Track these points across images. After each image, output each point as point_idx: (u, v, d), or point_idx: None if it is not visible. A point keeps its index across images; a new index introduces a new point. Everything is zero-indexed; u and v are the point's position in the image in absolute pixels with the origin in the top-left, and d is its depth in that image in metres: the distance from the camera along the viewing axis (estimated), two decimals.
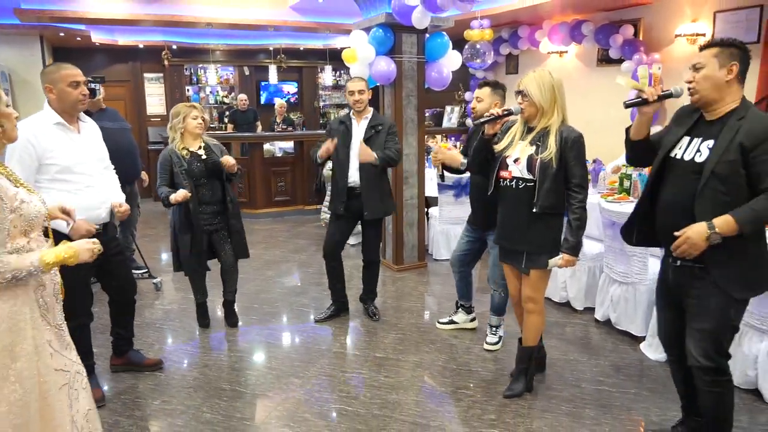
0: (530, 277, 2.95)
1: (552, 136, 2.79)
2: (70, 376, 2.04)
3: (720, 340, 2.30)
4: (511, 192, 2.90)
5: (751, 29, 5.66)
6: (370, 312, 4.29)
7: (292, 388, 3.29)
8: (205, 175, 3.75)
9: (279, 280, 5.33)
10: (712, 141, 2.26)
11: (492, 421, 2.91)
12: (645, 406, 3.02)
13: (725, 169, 2.18)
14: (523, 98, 2.86)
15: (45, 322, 1.95)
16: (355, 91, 3.95)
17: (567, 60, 8.05)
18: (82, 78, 2.86)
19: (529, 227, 2.85)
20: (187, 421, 2.95)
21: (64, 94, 2.79)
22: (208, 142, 3.86)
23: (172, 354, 3.76)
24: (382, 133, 3.96)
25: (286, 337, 4.08)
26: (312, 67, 11.77)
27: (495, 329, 3.79)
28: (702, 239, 2.15)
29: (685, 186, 2.29)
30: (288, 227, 7.61)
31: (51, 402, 1.93)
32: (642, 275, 3.74)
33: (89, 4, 7.17)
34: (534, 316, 3.03)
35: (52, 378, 1.94)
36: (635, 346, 3.73)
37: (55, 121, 2.80)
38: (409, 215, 5.48)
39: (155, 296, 4.90)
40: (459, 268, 3.90)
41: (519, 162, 2.85)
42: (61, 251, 1.87)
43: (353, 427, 2.88)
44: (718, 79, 2.24)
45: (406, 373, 3.45)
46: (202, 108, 3.87)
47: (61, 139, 2.81)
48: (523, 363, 3.16)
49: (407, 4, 4.54)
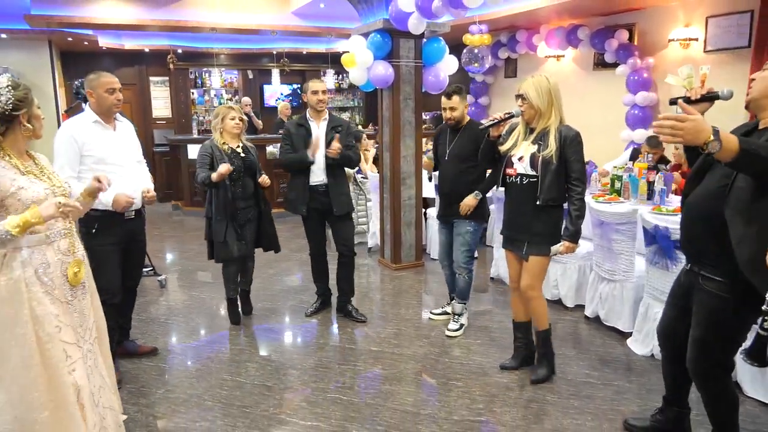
0: (529, 264, 3.18)
1: (552, 135, 3.03)
2: (83, 351, 2.27)
3: (710, 349, 2.29)
4: (516, 187, 3.17)
5: (742, 34, 5.80)
6: (354, 315, 4.32)
7: (290, 379, 3.43)
8: (242, 170, 3.96)
9: (279, 277, 5.48)
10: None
11: (480, 410, 3.04)
12: (628, 397, 3.15)
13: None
14: (522, 101, 3.10)
15: (50, 297, 2.17)
16: (319, 90, 4.10)
17: (564, 64, 8.20)
18: (118, 85, 3.26)
19: (532, 218, 3.12)
20: (190, 408, 3.09)
21: (102, 99, 3.19)
22: (245, 144, 4.10)
23: (175, 347, 3.91)
24: (342, 134, 4.11)
25: (285, 332, 4.22)
26: (315, 71, 11.94)
27: (458, 317, 4.05)
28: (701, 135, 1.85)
29: (715, 191, 2.18)
30: (289, 228, 7.75)
31: (57, 369, 2.15)
32: (629, 273, 3.87)
33: (97, 10, 7.37)
34: (536, 301, 3.26)
35: (56, 347, 2.15)
36: (622, 341, 3.85)
37: (94, 119, 3.19)
38: (407, 215, 5.62)
39: (159, 293, 5.06)
40: (446, 262, 4.14)
41: (523, 160, 3.11)
42: (24, 214, 2.03)
43: (347, 414, 3.02)
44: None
45: (400, 365, 3.59)
46: (240, 109, 4.11)
47: (98, 134, 3.18)
48: (542, 347, 3.36)
49: (404, 11, 4.69)
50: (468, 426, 2.89)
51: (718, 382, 2.34)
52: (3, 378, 2.10)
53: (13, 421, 2.09)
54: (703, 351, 2.31)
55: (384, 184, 5.68)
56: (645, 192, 4.49)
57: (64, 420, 2.17)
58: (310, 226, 4.29)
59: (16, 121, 2.14)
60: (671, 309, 2.61)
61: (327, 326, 4.28)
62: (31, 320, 2.11)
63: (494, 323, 4.24)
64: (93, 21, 7.41)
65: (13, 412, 2.09)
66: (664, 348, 2.68)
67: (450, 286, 4.23)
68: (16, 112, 2.12)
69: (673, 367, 2.63)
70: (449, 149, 3.92)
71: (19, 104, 2.12)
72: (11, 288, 2.10)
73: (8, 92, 2.10)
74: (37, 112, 2.22)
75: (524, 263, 3.22)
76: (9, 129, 2.15)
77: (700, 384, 2.37)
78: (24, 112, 2.15)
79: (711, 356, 2.30)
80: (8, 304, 2.10)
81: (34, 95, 2.23)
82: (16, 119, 2.14)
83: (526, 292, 3.24)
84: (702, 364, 2.33)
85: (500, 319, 4.31)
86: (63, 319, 2.20)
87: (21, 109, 2.14)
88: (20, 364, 2.09)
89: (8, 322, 2.09)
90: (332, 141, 4.01)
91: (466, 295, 4.02)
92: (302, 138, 4.09)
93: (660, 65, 6.72)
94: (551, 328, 3.37)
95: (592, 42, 7.18)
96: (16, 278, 2.11)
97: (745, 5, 5.82)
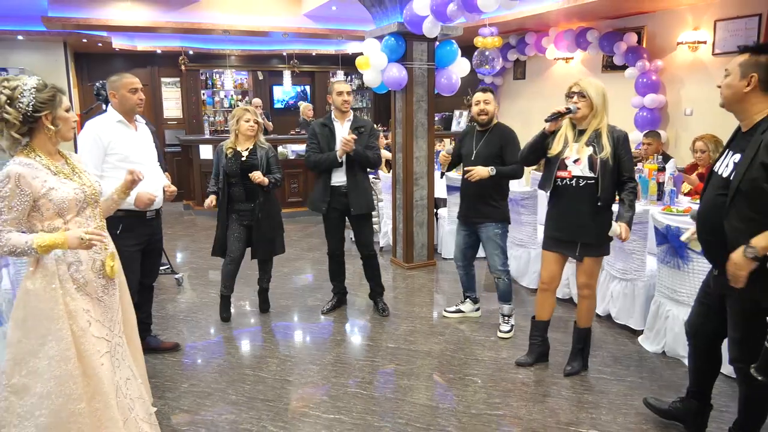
0: (585, 265, 3.25)
1: (605, 137, 3.10)
2: (111, 345, 2.36)
3: (747, 348, 2.33)
4: (571, 189, 3.17)
5: (750, 37, 5.87)
6: (380, 308, 4.50)
7: (310, 373, 3.53)
8: (237, 175, 4.05)
9: (294, 276, 5.58)
10: (739, 155, 2.24)
11: (497, 404, 3.13)
12: (641, 392, 3.22)
13: (749, 186, 2.15)
14: (580, 99, 3.12)
15: (82, 294, 2.25)
16: (344, 91, 4.21)
17: (572, 66, 8.27)
18: (140, 85, 3.38)
19: (589, 220, 3.16)
20: (215, 401, 3.19)
21: (125, 99, 3.30)
22: (258, 145, 4.16)
23: (196, 343, 4.01)
24: (364, 135, 4.21)
25: (302, 329, 4.32)
26: (324, 72, 12.06)
27: (507, 318, 4.06)
28: (741, 260, 2.13)
29: (713, 201, 2.32)
30: (300, 227, 7.87)
31: (91, 361, 2.24)
32: (640, 272, 3.95)
33: (113, 12, 7.49)
34: (589, 301, 3.36)
35: (90, 341, 2.24)
36: (634, 339, 3.94)
37: (117, 119, 3.31)
38: (419, 215, 5.71)
39: (177, 291, 5.16)
40: (462, 262, 4.20)
41: (580, 162, 3.13)
42: (54, 236, 2.12)
43: (368, 408, 3.11)
44: (737, 89, 2.23)
45: (417, 361, 3.68)
46: (255, 111, 4.20)
47: (121, 133, 3.29)
48: (580, 343, 3.45)
49: (418, 14, 4.77)
50: (486, 419, 2.98)
51: (756, 378, 2.36)
52: (41, 372, 2.16)
53: (49, 414, 2.16)
54: (741, 350, 2.37)
55: (397, 184, 5.77)
56: (655, 192, 4.58)
57: (99, 410, 2.25)
58: (329, 225, 4.39)
59: (39, 123, 2.17)
60: (700, 306, 2.66)
61: (343, 323, 4.38)
62: (65, 315, 2.19)
63: None
64: (109, 23, 7.53)
65: (51, 405, 2.16)
66: (692, 344, 2.74)
67: (464, 286, 4.31)
68: (37, 114, 2.14)
69: (699, 362, 2.71)
70: (476, 149, 3.95)
71: (41, 106, 2.15)
72: (46, 284, 2.18)
73: (31, 94, 2.13)
74: (64, 114, 2.23)
75: (578, 264, 3.28)
76: (34, 130, 2.18)
77: (743, 379, 2.41)
78: (47, 114, 2.17)
79: (749, 355, 2.34)
80: (44, 300, 2.18)
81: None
82: (39, 120, 2.16)
83: (581, 290, 3.34)
84: (747, 362, 2.34)
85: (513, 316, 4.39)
86: (93, 314, 2.29)
87: (43, 111, 2.15)
88: (57, 357, 2.17)
89: (44, 317, 2.17)
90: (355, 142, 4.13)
91: (508, 297, 4.02)
92: (326, 138, 4.20)
93: (669, 68, 6.80)
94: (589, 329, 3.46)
95: (601, 45, 7.26)
96: (50, 275, 2.19)
97: (753, 9, 5.89)
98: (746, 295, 2.26)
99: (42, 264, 2.19)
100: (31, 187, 2.11)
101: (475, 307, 4.38)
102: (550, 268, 3.39)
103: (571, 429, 2.88)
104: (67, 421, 2.18)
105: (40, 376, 2.16)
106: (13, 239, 2.07)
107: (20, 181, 2.08)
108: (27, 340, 2.17)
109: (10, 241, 2.07)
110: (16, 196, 2.08)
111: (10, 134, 2.13)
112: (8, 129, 2.12)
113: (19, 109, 2.11)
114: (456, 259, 4.27)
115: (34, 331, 2.17)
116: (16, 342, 2.18)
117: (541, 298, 3.50)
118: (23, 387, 2.16)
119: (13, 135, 2.13)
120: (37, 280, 2.18)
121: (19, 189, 2.08)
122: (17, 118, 2.11)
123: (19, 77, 2.17)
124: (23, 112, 2.11)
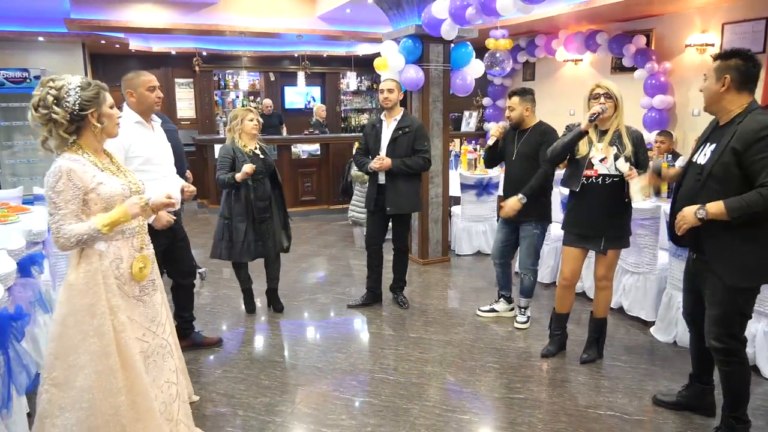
0: (607, 257, 3.42)
1: (625, 136, 3.29)
2: (148, 347, 2.37)
3: (728, 325, 2.55)
4: (597, 187, 3.32)
5: (757, 40, 6.01)
6: (399, 301, 4.67)
7: (338, 360, 3.69)
8: (263, 171, 4.17)
9: (313, 272, 5.75)
10: (715, 145, 2.56)
11: (518, 388, 3.29)
12: (654, 378, 3.39)
13: (720, 170, 2.48)
14: (606, 99, 3.27)
15: (121, 291, 2.27)
16: (384, 89, 4.33)
17: (582, 68, 8.42)
18: (158, 83, 3.34)
19: (615, 216, 3.34)
20: (249, 386, 3.36)
21: (143, 97, 3.25)
22: (261, 145, 4.28)
23: (225, 333, 4.18)
24: (409, 135, 4.26)
25: (326, 320, 4.48)
26: (335, 73, 12.22)
27: (524, 310, 4.22)
28: (691, 214, 2.49)
29: (691, 185, 2.63)
30: (315, 225, 8.03)
31: (130, 355, 2.26)
32: (652, 265, 4.11)
33: (132, 14, 7.66)
34: (607, 292, 3.54)
35: (128, 336, 2.25)
36: (645, 330, 4.09)
37: (136, 120, 3.25)
38: (434, 213, 5.87)
39: (200, 285, 5.33)
40: (499, 260, 4.28)
41: (606, 161, 3.29)
42: (112, 212, 2.17)
43: (395, 392, 3.27)
44: (714, 90, 2.55)
45: (439, 349, 3.84)
46: (257, 111, 4.29)
47: (141, 134, 3.26)
48: (596, 333, 3.63)
49: (437, 17, 4.94)
50: (509, 402, 3.15)
51: (736, 354, 2.59)
52: (83, 366, 2.18)
53: (89, 407, 2.19)
54: (722, 327, 2.56)
55: None
56: (666, 190, 4.73)
57: (137, 402, 2.28)
58: (370, 221, 4.58)
59: (85, 121, 2.20)
60: (689, 295, 2.88)
61: (365, 316, 4.53)
62: (107, 310, 2.21)
63: None
64: (128, 25, 7.70)
65: (91, 398, 2.18)
66: (691, 329, 2.94)
67: (500, 284, 4.37)
68: (84, 112, 2.18)
69: (699, 345, 2.88)
70: (517, 149, 4.01)
71: (86, 104, 2.18)
72: (89, 279, 2.20)
73: (76, 93, 2.16)
74: (109, 111, 2.27)
75: (600, 257, 3.44)
76: (81, 128, 2.22)
77: (721, 358, 2.60)
78: (93, 111, 2.20)
79: (730, 331, 2.56)
80: (87, 295, 2.19)
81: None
82: (86, 119, 2.20)
83: (600, 281, 3.50)
84: (721, 340, 2.57)
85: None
86: (129, 313, 2.30)
87: (89, 109, 2.19)
88: (99, 352, 2.19)
89: (86, 312, 2.19)
90: (397, 140, 4.26)
91: (530, 293, 4.19)
92: (372, 138, 4.40)
93: (677, 70, 6.95)
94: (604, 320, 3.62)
95: (610, 47, 7.40)
96: (94, 270, 2.20)
97: (760, 12, 6.03)
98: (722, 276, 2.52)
99: (86, 259, 2.21)
100: (82, 180, 2.16)
101: (510, 307, 4.42)
102: (571, 265, 3.53)
103: (590, 411, 3.04)
104: (106, 413, 2.21)
105: (81, 370, 2.18)
106: (75, 229, 2.11)
107: (71, 175, 2.13)
108: (68, 335, 2.19)
109: (74, 231, 2.11)
110: (69, 189, 2.13)
111: (58, 134, 2.16)
112: (57, 128, 2.16)
113: (66, 108, 2.14)
114: (494, 257, 4.33)
115: (75, 327, 2.19)
116: (58, 337, 2.21)
117: (562, 293, 3.64)
118: (65, 380, 2.19)
119: (62, 134, 2.16)
120: (80, 275, 2.20)
121: (72, 183, 2.13)
122: (65, 117, 2.14)
123: (63, 77, 2.20)
124: (70, 111, 2.15)
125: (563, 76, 8.78)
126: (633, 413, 3.02)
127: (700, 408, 2.98)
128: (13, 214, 4.01)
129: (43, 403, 2.20)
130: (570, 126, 3.48)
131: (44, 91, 2.15)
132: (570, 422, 2.94)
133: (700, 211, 2.46)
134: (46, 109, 2.13)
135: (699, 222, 2.47)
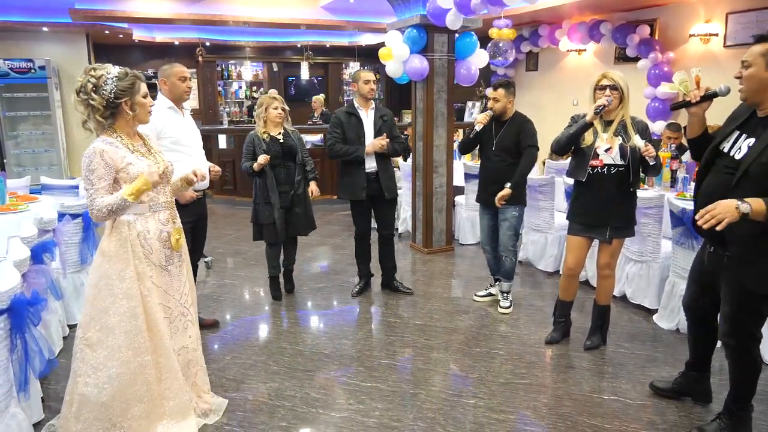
0: (612, 246, 3.46)
1: (630, 127, 3.32)
2: (171, 312, 2.62)
3: (740, 324, 2.44)
4: (603, 177, 3.34)
5: (761, 29, 6.00)
6: (401, 288, 4.72)
7: (344, 347, 3.74)
8: (280, 156, 4.24)
9: (318, 261, 5.81)
10: (753, 140, 2.29)
11: (522, 374, 3.35)
12: (657, 365, 3.44)
13: (758, 171, 2.21)
14: (612, 91, 3.29)
15: (147, 260, 2.51)
16: (370, 80, 4.40)
17: (585, 58, 8.42)
18: (189, 74, 3.63)
19: (620, 205, 3.37)
20: (258, 371, 3.41)
21: (175, 86, 3.55)
22: (288, 130, 4.37)
23: (231, 321, 4.24)
24: (388, 123, 4.46)
25: (333, 307, 4.53)
26: (337, 63, 12.22)
27: (506, 295, 4.33)
28: (732, 208, 2.14)
29: (720, 180, 2.39)
30: (319, 215, 7.98)
31: (155, 318, 2.51)
32: (655, 254, 4.15)
33: (136, 4, 7.67)
34: (610, 280, 3.58)
35: (153, 300, 2.50)
36: (648, 317, 4.14)
37: (168, 105, 3.55)
38: (438, 202, 5.91)
39: (207, 273, 5.38)
40: (489, 245, 4.39)
41: (612, 151, 3.32)
42: (135, 182, 2.37)
43: (402, 377, 3.33)
44: (764, 79, 2.23)
45: (444, 336, 3.90)
46: (282, 99, 4.38)
47: (172, 118, 3.53)
48: (599, 320, 3.68)
49: (441, 7, 4.95)
50: (514, 387, 3.20)
51: (750, 353, 2.51)
52: (113, 327, 2.43)
53: (120, 365, 2.42)
54: (735, 326, 2.48)
55: (417, 172, 5.97)
56: (668, 179, 4.77)
57: (161, 363, 2.54)
58: (359, 210, 4.58)
59: (120, 108, 2.43)
60: (694, 285, 2.82)
61: (371, 304, 4.59)
62: (135, 276, 2.45)
63: (526, 301, 4.54)
64: (132, 15, 7.71)
65: (121, 357, 2.42)
66: (689, 318, 2.95)
67: (492, 269, 4.49)
68: (118, 100, 2.40)
69: (697, 334, 2.92)
70: (496, 139, 4.14)
71: (121, 93, 2.40)
72: (120, 246, 2.45)
73: (113, 82, 2.38)
74: (141, 100, 2.48)
75: (604, 246, 3.47)
76: (116, 114, 2.44)
77: (733, 355, 2.54)
78: (126, 100, 2.42)
79: (742, 329, 2.47)
80: (117, 261, 2.44)
81: (72, 86, 2.46)
82: (120, 106, 2.42)
83: (603, 270, 3.53)
84: (735, 338, 2.49)
85: (531, 297, 4.61)
86: (155, 280, 2.54)
87: (123, 98, 2.41)
88: (127, 313, 2.43)
89: (116, 277, 2.43)
90: (380, 129, 4.37)
91: (511, 275, 4.29)
92: (353, 127, 4.38)
93: (681, 59, 6.96)
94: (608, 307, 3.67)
95: (614, 37, 7.41)
96: (123, 239, 2.45)
97: (765, 2, 6.04)
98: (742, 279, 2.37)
99: (117, 229, 2.46)
100: (113, 160, 2.38)
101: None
102: (576, 254, 3.56)
103: (594, 396, 3.09)
104: (134, 371, 2.45)
105: (111, 330, 2.42)
106: (106, 200, 2.35)
107: (104, 155, 2.36)
108: (101, 296, 2.43)
109: (105, 202, 2.34)
110: (101, 167, 2.36)
111: (95, 117, 2.39)
112: (93, 113, 2.40)
113: (103, 95, 2.37)
114: (483, 243, 4.44)
115: (106, 289, 2.43)
116: (92, 299, 2.44)
117: (566, 282, 3.68)
118: (97, 341, 2.42)
119: (98, 119, 2.39)
120: (112, 243, 2.45)
121: (104, 162, 2.36)
122: (101, 103, 2.37)
123: (104, 66, 2.41)
124: (106, 98, 2.37)
125: (566, 66, 8.79)
126: (636, 398, 3.07)
127: (695, 394, 3.01)
128: (23, 203, 4.08)
129: (77, 362, 2.44)
130: (575, 117, 3.52)
131: (86, 78, 2.37)
132: (574, 406, 2.99)
133: (744, 205, 2.14)
134: (85, 95, 2.36)
135: (741, 217, 2.15)
